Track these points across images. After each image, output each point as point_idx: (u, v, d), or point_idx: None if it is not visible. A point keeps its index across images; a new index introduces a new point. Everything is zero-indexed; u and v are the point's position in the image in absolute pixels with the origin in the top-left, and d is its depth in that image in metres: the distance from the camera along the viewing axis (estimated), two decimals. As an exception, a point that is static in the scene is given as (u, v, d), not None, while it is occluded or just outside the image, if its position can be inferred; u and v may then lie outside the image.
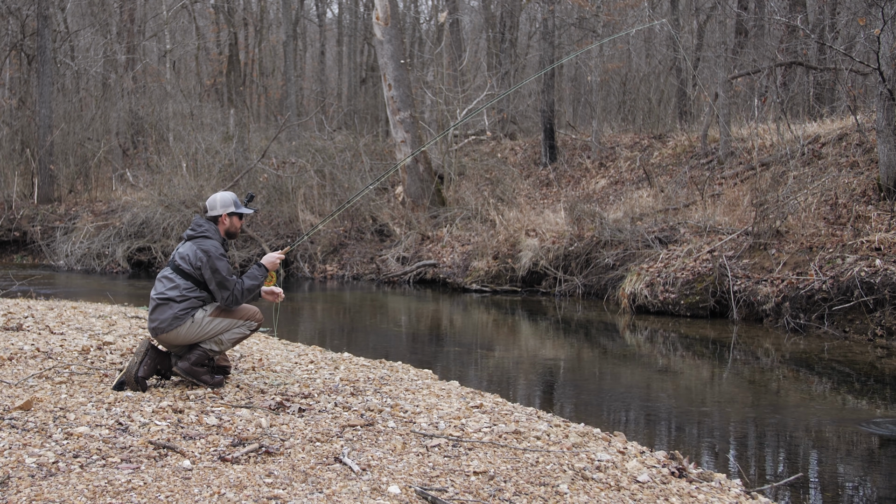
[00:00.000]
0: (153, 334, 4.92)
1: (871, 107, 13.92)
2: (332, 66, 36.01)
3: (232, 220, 5.08)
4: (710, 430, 5.60)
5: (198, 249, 4.87)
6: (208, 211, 5.06)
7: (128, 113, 22.86)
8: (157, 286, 4.97)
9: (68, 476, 3.21)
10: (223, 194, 5.09)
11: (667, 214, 13.37)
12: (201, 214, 5.13)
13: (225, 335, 4.92)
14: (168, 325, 4.81)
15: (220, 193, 5.12)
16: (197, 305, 4.87)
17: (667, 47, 21.79)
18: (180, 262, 4.91)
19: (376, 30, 17.10)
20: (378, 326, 10.78)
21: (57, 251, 18.00)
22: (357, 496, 3.20)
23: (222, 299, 4.85)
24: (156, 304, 4.89)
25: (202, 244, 4.89)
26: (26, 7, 21.96)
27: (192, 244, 4.93)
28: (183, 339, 4.86)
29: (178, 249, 5.00)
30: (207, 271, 4.83)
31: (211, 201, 5.07)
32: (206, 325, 4.85)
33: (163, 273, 5.01)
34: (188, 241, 4.98)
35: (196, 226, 5.02)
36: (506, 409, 4.98)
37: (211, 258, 4.83)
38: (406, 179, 17.16)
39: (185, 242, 4.99)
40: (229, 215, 5.06)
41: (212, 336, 4.88)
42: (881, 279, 8.89)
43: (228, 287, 4.84)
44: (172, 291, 4.86)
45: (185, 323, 4.81)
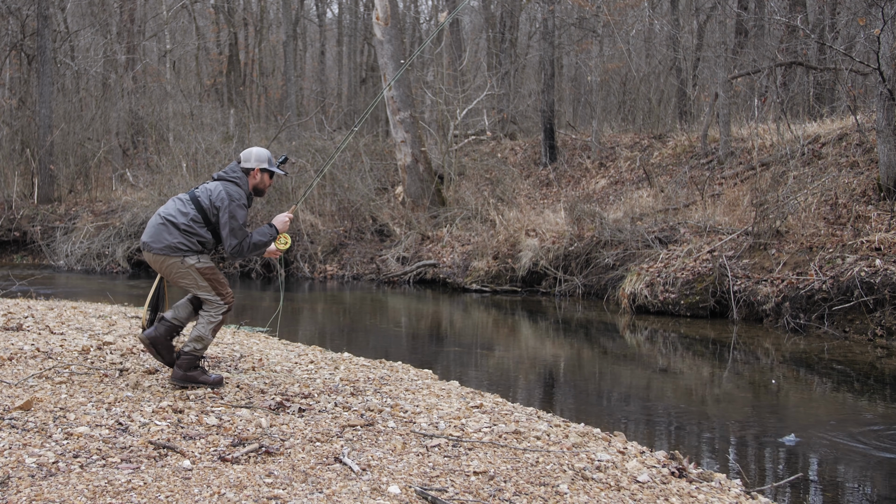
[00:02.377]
0: (143, 248, 4.89)
1: (871, 107, 13.92)
2: (332, 66, 36.01)
3: (263, 176, 5.07)
4: (710, 430, 5.60)
5: (223, 190, 4.87)
6: (242, 162, 5.05)
7: (128, 113, 22.86)
8: (167, 205, 4.94)
9: (68, 476, 3.21)
10: (259, 149, 5.09)
11: (667, 214, 13.37)
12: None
13: (202, 321, 4.87)
14: (160, 249, 4.78)
15: (256, 148, 5.11)
16: (194, 247, 4.82)
17: (667, 47, 21.79)
18: (199, 194, 4.90)
19: (376, 30, 17.10)
20: (378, 326, 10.78)
21: (57, 251, 18.00)
22: (357, 496, 3.20)
23: (230, 246, 4.83)
24: (158, 222, 4.84)
25: (228, 187, 4.90)
26: (26, 7, 21.95)
27: (219, 184, 4.94)
28: (163, 270, 4.85)
29: (201, 185, 5.01)
30: (225, 214, 4.81)
31: (246, 153, 5.06)
32: (188, 273, 4.80)
33: (177, 196, 5.00)
34: (216, 180, 4.99)
35: (230, 170, 5.02)
36: (506, 409, 4.98)
37: (233, 202, 4.83)
38: (406, 179, 17.16)
39: (212, 182, 4.99)
40: (261, 171, 5.05)
41: (187, 285, 4.82)
42: (881, 279, 8.89)
43: (238, 237, 4.84)
44: (180, 217, 4.83)
45: (175, 259, 4.78)
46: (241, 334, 7.81)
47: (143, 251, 4.91)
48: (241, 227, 4.85)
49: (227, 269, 16.75)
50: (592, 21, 20.20)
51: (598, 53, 20.21)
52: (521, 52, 26.42)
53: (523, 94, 23.92)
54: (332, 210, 17.59)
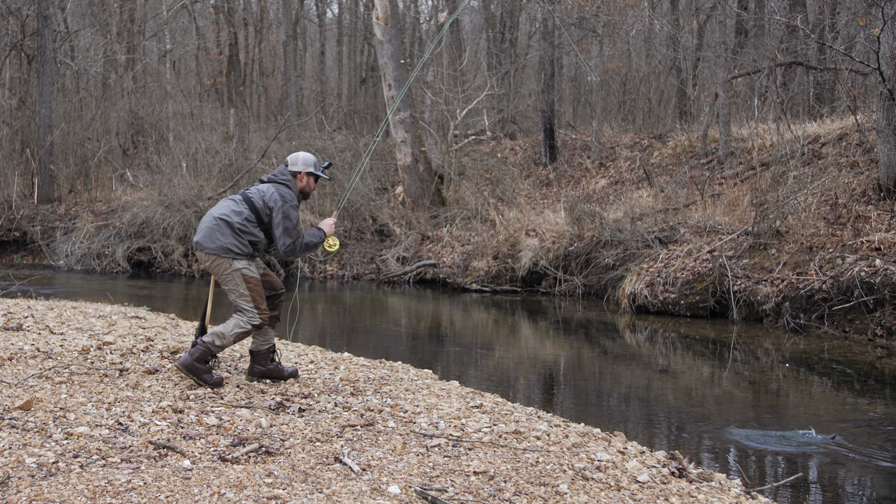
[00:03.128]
0: (195, 247, 5.01)
1: (871, 107, 13.93)
2: (332, 66, 36.01)
3: (309, 179, 5.23)
4: (710, 430, 5.60)
5: (275, 192, 5.01)
6: (289, 165, 5.20)
7: (128, 113, 22.86)
8: (220, 205, 5.07)
9: (68, 476, 3.21)
10: (306, 154, 5.26)
11: (667, 214, 13.37)
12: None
13: (231, 322, 4.94)
14: (212, 248, 4.90)
15: (303, 152, 5.30)
16: (245, 249, 4.94)
17: (667, 47, 21.79)
18: (252, 195, 5.04)
19: (376, 30, 17.10)
20: (378, 326, 10.78)
21: (57, 251, 18.00)
22: (357, 496, 3.20)
23: (283, 245, 4.95)
24: (212, 222, 4.95)
25: (280, 189, 5.05)
26: (26, 7, 21.95)
27: (271, 185, 5.08)
28: (214, 270, 4.95)
29: (252, 186, 5.14)
30: (279, 215, 4.95)
31: (293, 157, 5.22)
32: (233, 277, 4.91)
33: (229, 197, 5.13)
34: (268, 183, 5.13)
35: (279, 173, 5.16)
36: (506, 409, 4.98)
37: (285, 203, 4.99)
38: (406, 179, 17.16)
39: (263, 184, 5.13)
40: (307, 174, 5.21)
41: (228, 285, 4.95)
42: (881, 279, 8.89)
43: (293, 236, 4.99)
44: (234, 217, 4.95)
45: (224, 260, 4.90)
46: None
47: (195, 251, 5.03)
48: (295, 227, 5.01)
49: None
50: (592, 21, 20.19)
51: (598, 53, 20.21)
52: (521, 52, 26.42)
53: (523, 94, 23.92)
54: (331, 210, 17.59)
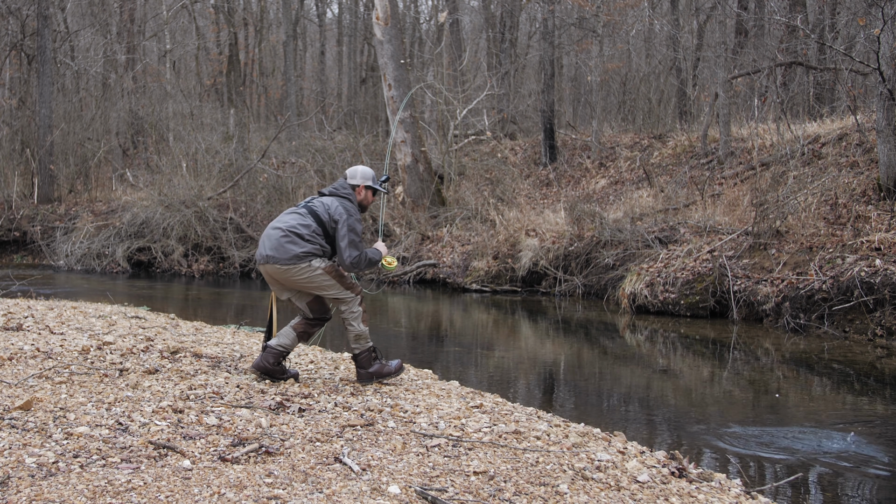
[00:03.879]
0: (262, 261, 5.05)
1: (871, 107, 13.92)
2: (332, 66, 36.01)
3: (367, 193, 5.32)
4: (710, 430, 5.60)
5: (339, 206, 5.10)
6: (348, 178, 5.29)
7: (128, 113, 22.86)
8: (284, 219, 5.12)
9: (68, 476, 3.21)
10: (364, 168, 5.35)
11: (667, 214, 13.37)
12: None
13: (348, 321, 5.11)
14: (287, 260, 4.95)
15: (361, 166, 5.39)
16: (318, 252, 5.02)
17: (667, 47, 21.78)
18: (317, 207, 5.11)
19: (376, 30, 17.10)
20: (378, 326, 10.78)
21: (57, 251, 18.00)
22: (357, 496, 3.20)
23: (350, 257, 5.02)
24: (280, 235, 5.00)
25: (344, 203, 5.14)
26: (26, 7, 21.96)
27: (334, 199, 5.16)
28: (291, 280, 5.01)
29: (313, 199, 5.22)
30: (344, 227, 5.03)
31: (352, 171, 5.32)
32: (318, 277, 5.00)
33: (291, 210, 5.19)
34: (329, 196, 5.21)
35: (340, 186, 5.25)
36: (506, 409, 4.98)
37: (350, 217, 5.07)
38: (406, 179, 17.16)
39: (324, 197, 5.21)
40: (366, 188, 5.30)
41: (316, 288, 5.04)
42: (881, 279, 8.89)
43: (359, 249, 5.07)
44: (304, 229, 5.02)
45: (303, 265, 4.96)
46: (241, 334, 7.81)
47: (262, 265, 5.08)
48: (361, 241, 5.10)
49: (227, 268, 16.76)
50: (592, 21, 20.19)
51: (598, 53, 20.21)
52: (521, 52, 26.42)
53: (523, 94, 23.92)
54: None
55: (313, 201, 5.18)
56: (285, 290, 5.16)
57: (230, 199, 17.64)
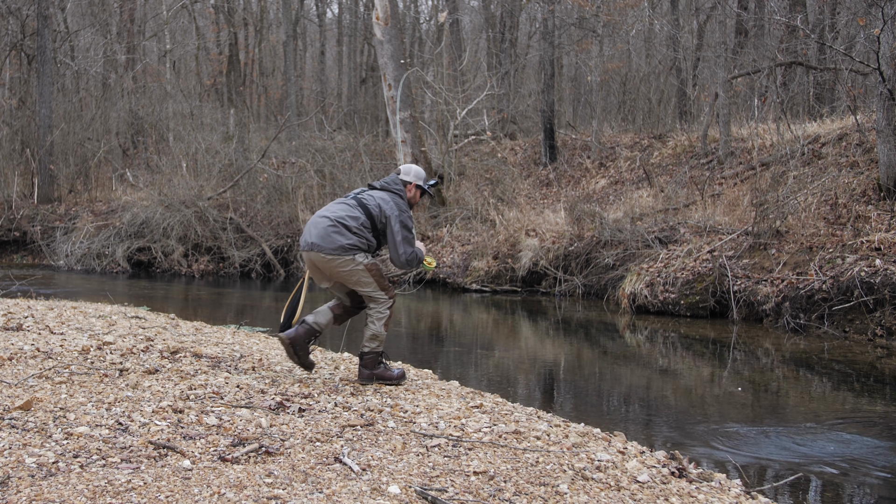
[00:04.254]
0: (306, 248, 5.06)
1: (871, 107, 13.92)
2: (332, 66, 36.00)
3: (416, 192, 5.36)
4: (710, 430, 5.60)
5: (391, 201, 5.12)
6: (401, 174, 5.32)
7: (128, 113, 22.86)
8: (333, 208, 5.13)
9: (68, 476, 3.21)
10: (418, 167, 5.40)
11: (667, 214, 13.37)
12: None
13: (371, 319, 5.14)
14: (332, 249, 4.96)
15: (414, 165, 5.43)
16: (363, 246, 5.03)
17: (667, 47, 21.78)
18: (368, 200, 5.11)
19: (376, 30, 17.10)
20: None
21: (57, 251, 18.00)
22: (357, 496, 3.20)
23: (404, 253, 5.08)
24: (327, 224, 5.02)
25: (395, 199, 5.17)
26: (26, 7, 21.96)
27: (386, 194, 5.17)
28: (333, 270, 5.03)
29: (363, 191, 5.23)
30: (397, 223, 5.06)
31: (406, 168, 5.36)
32: (358, 272, 5.03)
33: (340, 200, 5.21)
34: (381, 190, 5.22)
35: (392, 182, 5.27)
36: (506, 409, 4.98)
37: (402, 213, 5.12)
38: (406, 179, 17.15)
39: (375, 190, 5.22)
40: (417, 186, 5.34)
41: (354, 282, 5.07)
42: (881, 279, 8.89)
43: (412, 245, 5.12)
44: (352, 221, 5.03)
45: (346, 257, 4.98)
46: (241, 334, 7.81)
47: (306, 251, 5.09)
48: (413, 238, 5.14)
49: (227, 268, 16.75)
50: (592, 21, 20.19)
51: (598, 53, 20.21)
52: (521, 52, 26.42)
53: (523, 94, 23.92)
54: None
55: (363, 194, 5.19)
56: (325, 278, 5.19)
57: (230, 199, 17.64)
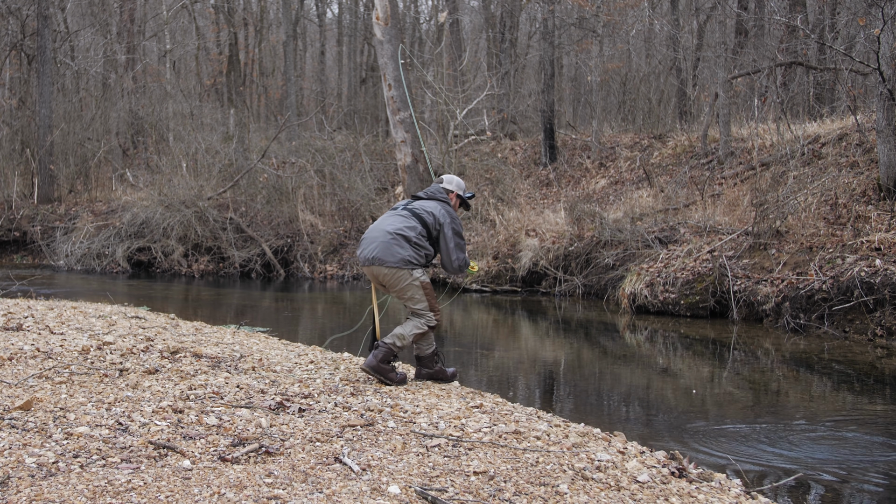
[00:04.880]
0: (368, 263, 5.16)
1: (871, 107, 13.92)
2: (332, 66, 36.00)
3: (456, 201, 5.52)
4: (710, 430, 5.60)
5: (442, 209, 5.27)
6: (444, 183, 5.47)
7: (128, 113, 22.85)
8: (389, 221, 5.21)
9: (68, 476, 3.21)
10: (458, 178, 5.56)
11: (667, 214, 13.37)
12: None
13: (410, 323, 5.24)
14: (395, 262, 5.07)
15: (455, 176, 5.60)
16: (422, 261, 5.15)
17: (667, 47, 21.78)
18: (421, 210, 5.23)
19: (376, 30, 17.10)
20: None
21: (57, 251, 18.00)
22: (357, 496, 3.20)
23: (457, 259, 5.24)
24: (387, 238, 5.11)
25: (446, 207, 5.32)
26: (26, 7, 21.96)
27: (436, 203, 5.31)
28: (392, 282, 5.15)
29: (411, 202, 5.35)
30: (450, 231, 5.22)
31: (449, 178, 5.52)
32: (413, 287, 5.15)
33: (394, 212, 5.30)
34: (429, 199, 5.35)
35: (438, 191, 5.41)
36: (506, 409, 4.98)
37: (455, 222, 5.28)
38: (406, 179, 17.15)
39: (423, 201, 5.35)
40: (458, 196, 5.50)
41: (407, 298, 5.18)
42: (881, 279, 8.89)
43: (464, 251, 5.29)
44: (410, 231, 5.14)
45: (405, 271, 5.11)
46: (241, 334, 7.80)
47: (367, 265, 5.20)
48: (464, 244, 5.29)
49: (227, 268, 16.75)
50: (592, 21, 20.19)
51: (598, 53, 20.21)
52: (521, 52, 26.42)
53: (523, 94, 23.91)
54: (332, 210, 17.59)
55: (412, 204, 5.31)
56: (386, 290, 5.33)
57: (230, 199, 17.64)
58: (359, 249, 5.31)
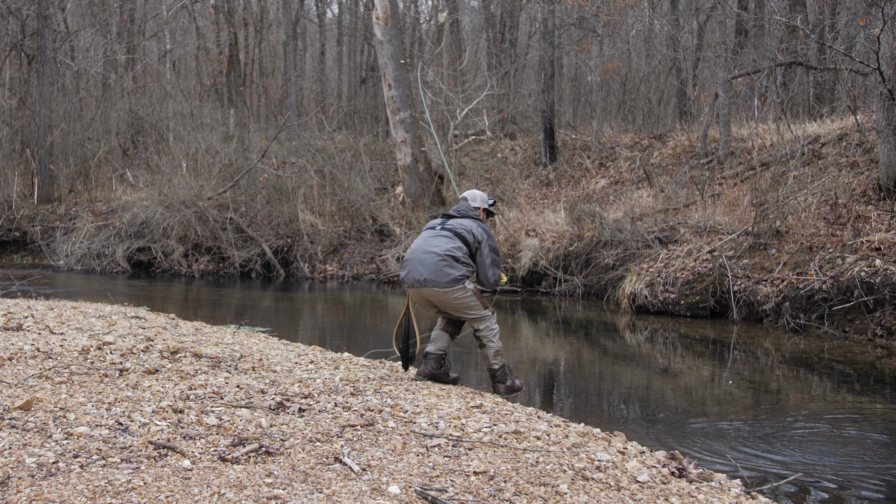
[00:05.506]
0: (418, 285, 5.28)
1: (871, 107, 13.92)
2: (332, 66, 36.00)
3: (483, 214, 5.70)
4: (710, 430, 5.60)
5: (478, 227, 5.43)
6: (469, 200, 5.64)
7: (128, 113, 22.85)
8: (434, 242, 5.35)
9: (68, 476, 3.21)
10: (480, 192, 5.72)
11: (667, 214, 13.37)
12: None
13: (487, 338, 5.42)
14: (447, 283, 5.23)
15: (477, 191, 5.76)
16: (468, 274, 5.33)
17: (667, 47, 21.78)
18: (460, 229, 5.38)
19: (376, 30, 17.10)
20: (378, 326, 10.78)
21: (57, 251, 18.00)
22: (357, 496, 3.20)
23: (493, 275, 5.42)
24: (438, 260, 5.26)
25: (481, 224, 5.49)
26: (26, 7, 21.96)
27: (472, 222, 5.47)
28: (445, 300, 5.29)
29: (446, 221, 5.48)
30: (486, 248, 5.38)
31: (472, 195, 5.68)
32: (468, 298, 5.33)
33: (434, 233, 5.43)
34: (461, 217, 5.51)
35: (468, 209, 5.58)
36: (506, 409, 4.98)
37: (490, 238, 5.44)
38: (406, 179, 17.16)
39: (457, 219, 5.49)
40: (484, 210, 5.69)
41: (463, 309, 5.35)
42: (881, 279, 8.89)
43: (499, 267, 5.45)
44: (457, 252, 5.29)
45: (458, 287, 5.28)
46: (241, 334, 7.81)
47: (415, 287, 5.33)
48: (499, 260, 5.47)
49: (227, 268, 16.75)
50: (592, 21, 20.19)
51: (598, 53, 20.21)
52: (521, 52, 26.42)
53: (523, 94, 23.91)
54: (332, 210, 17.59)
55: (449, 222, 5.45)
56: (433, 307, 5.47)
57: (230, 199, 17.64)
58: (403, 271, 5.42)
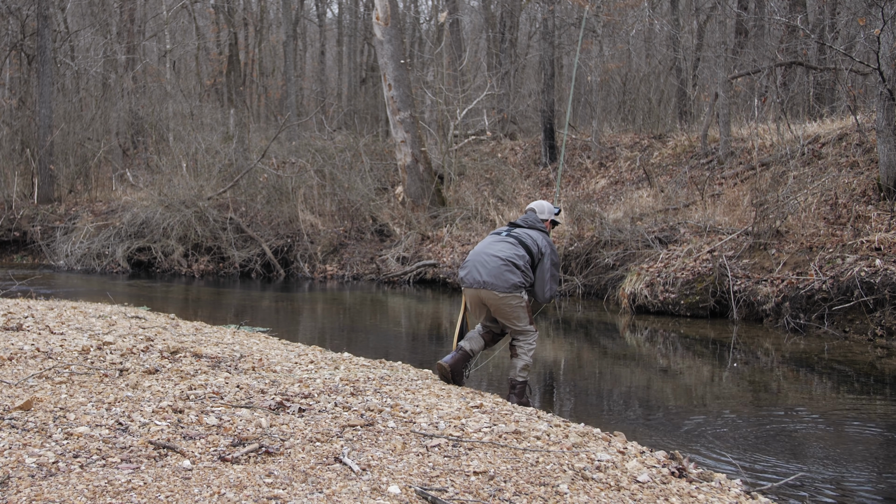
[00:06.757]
0: (478, 286, 5.32)
1: (871, 107, 13.92)
2: (332, 66, 36.00)
3: (549, 225, 5.77)
4: (710, 430, 5.60)
5: (545, 240, 5.47)
6: (536, 212, 5.69)
7: (128, 113, 22.85)
8: (498, 247, 5.39)
9: (68, 476, 3.21)
10: (546, 202, 5.76)
11: (667, 214, 13.37)
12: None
13: (523, 351, 5.51)
14: (506, 288, 5.27)
15: (543, 201, 5.81)
16: (527, 284, 5.37)
17: (667, 47, 21.78)
18: (525, 238, 5.42)
19: (376, 30, 17.10)
20: (378, 326, 10.78)
21: (57, 251, 17.99)
22: (357, 496, 3.20)
23: (551, 289, 5.45)
24: (498, 263, 5.31)
25: (547, 238, 5.53)
26: (26, 7, 21.96)
27: (538, 233, 5.50)
28: (500, 305, 5.33)
29: (512, 230, 5.53)
30: (548, 261, 5.42)
31: (539, 206, 5.72)
32: (520, 308, 5.38)
33: (499, 238, 5.47)
34: (528, 228, 5.54)
35: (536, 221, 5.62)
36: (506, 409, 4.98)
37: (554, 253, 5.47)
38: (406, 179, 17.16)
39: (524, 229, 5.53)
40: (551, 221, 5.76)
41: (513, 318, 5.40)
42: (881, 279, 8.89)
43: (557, 283, 5.49)
44: (519, 260, 5.33)
45: (517, 294, 5.33)
46: (241, 334, 7.81)
47: (475, 289, 5.37)
48: (559, 275, 5.56)
49: (227, 268, 16.76)
50: (592, 21, 20.19)
51: (598, 53, 20.21)
52: (521, 52, 26.42)
53: (523, 94, 23.92)
54: (332, 210, 17.59)
55: (515, 231, 5.47)
56: (484, 312, 5.50)
57: (230, 199, 17.64)
58: (462, 271, 5.44)
